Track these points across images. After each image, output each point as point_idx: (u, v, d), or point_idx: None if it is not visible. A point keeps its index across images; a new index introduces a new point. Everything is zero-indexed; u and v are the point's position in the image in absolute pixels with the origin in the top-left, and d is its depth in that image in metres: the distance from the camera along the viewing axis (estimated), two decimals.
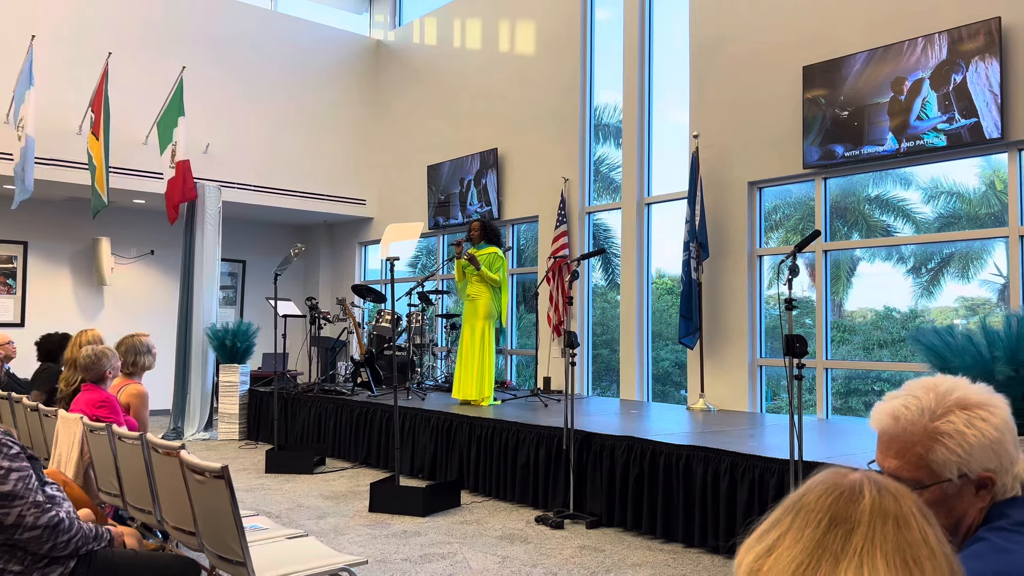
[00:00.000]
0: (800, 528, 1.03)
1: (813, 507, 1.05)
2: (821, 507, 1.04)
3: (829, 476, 1.09)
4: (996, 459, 1.31)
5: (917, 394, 1.38)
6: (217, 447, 8.53)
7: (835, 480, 1.08)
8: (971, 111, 5.76)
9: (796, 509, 1.06)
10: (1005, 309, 5.86)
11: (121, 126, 9.25)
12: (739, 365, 7.22)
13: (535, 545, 4.82)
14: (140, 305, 11.24)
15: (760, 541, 1.05)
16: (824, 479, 1.09)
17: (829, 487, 1.07)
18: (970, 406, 1.33)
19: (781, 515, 1.07)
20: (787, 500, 1.09)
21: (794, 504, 1.07)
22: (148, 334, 4.79)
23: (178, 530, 3.21)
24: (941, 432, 1.32)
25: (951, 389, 1.36)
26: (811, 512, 1.04)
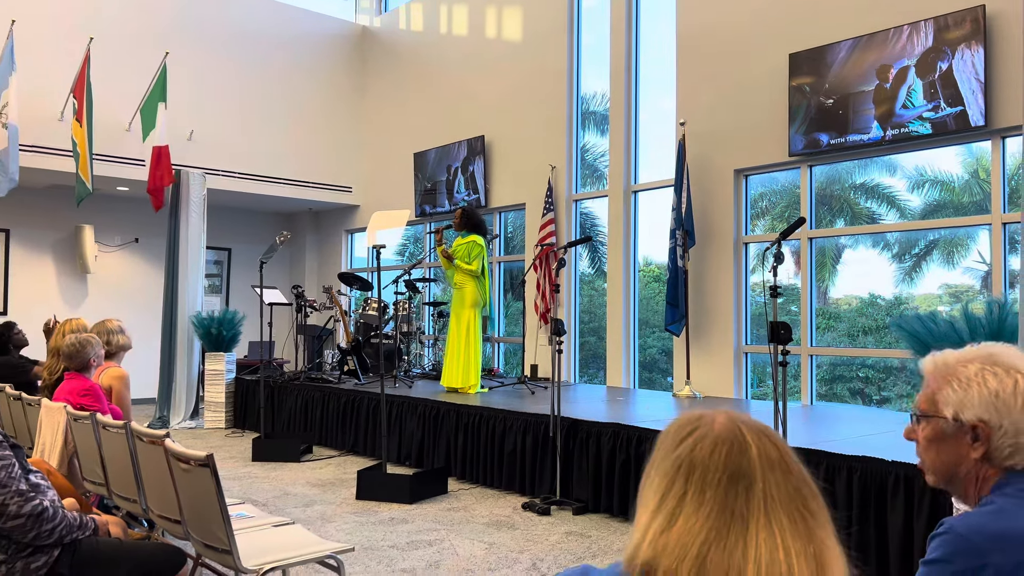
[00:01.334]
0: (699, 490, 0.97)
1: (707, 464, 0.98)
2: (716, 464, 0.98)
3: (699, 425, 1.02)
4: (996, 415, 1.36)
5: (965, 348, 1.45)
6: (203, 435, 8.51)
7: (710, 429, 1.00)
8: (957, 99, 5.79)
9: (688, 469, 0.99)
10: (988, 296, 5.91)
11: (104, 112, 9.15)
12: (725, 352, 7.26)
13: (522, 531, 4.84)
14: (124, 293, 11.17)
15: (659, 512, 0.98)
16: (698, 430, 1.01)
17: (716, 440, 0.99)
18: (995, 364, 1.39)
19: (673, 476, 0.99)
20: (670, 459, 1.01)
21: (683, 463, 0.99)
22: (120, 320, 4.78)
23: (164, 519, 3.20)
24: (955, 374, 1.41)
25: (991, 346, 1.43)
26: (707, 471, 0.98)
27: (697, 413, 1.04)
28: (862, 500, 3.89)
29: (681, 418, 1.05)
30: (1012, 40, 5.55)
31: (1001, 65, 5.65)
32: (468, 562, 4.26)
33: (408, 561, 4.27)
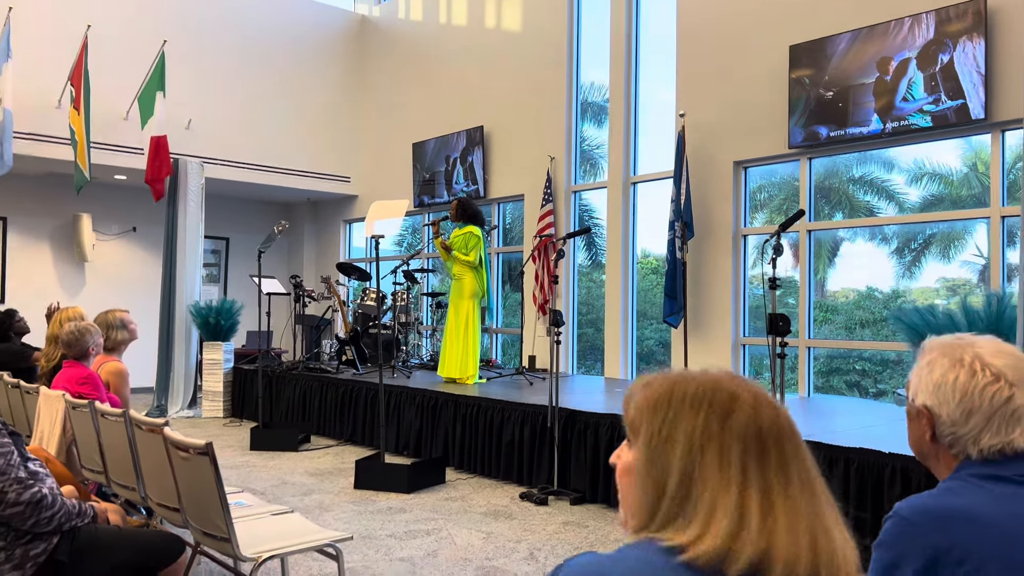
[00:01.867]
0: (781, 464, 0.90)
1: (780, 432, 0.91)
2: (781, 431, 0.90)
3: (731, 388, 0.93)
4: (936, 403, 1.39)
5: (954, 334, 1.48)
6: (201, 424, 8.51)
7: (744, 391, 0.93)
8: (958, 92, 5.78)
9: (757, 440, 0.90)
10: (985, 289, 5.92)
11: (102, 100, 9.11)
12: (723, 344, 7.27)
13: (519, 521, 4.85)
14: (122, 282, 11.15)
15: (747, 490, 0.88)
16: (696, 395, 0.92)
17: (764, 403, 0.92)
18: (948, 355, 1.41)
19: (744, 448, 0.89)
20: (724, 429, 0.90)
21: (747, 433, 0.90)
22: (127, 310, 4.74)
23: (162, 506, 3.21)
24: (921, 358, 1.46)
25: (968, 338, 1.44)
26: (781, 438, 0.91)
27: (703, 376, 0.96)
28: (859, 491, 3.90)
29: (689, 382, 0.95)
30: (1013, 33, 5.54)
31: (1002, 58, 5.64)
32: (466, 551, 4.28)
33: (406, 550, 4.28)
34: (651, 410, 0.95)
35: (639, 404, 0.98)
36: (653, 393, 0.96)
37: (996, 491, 1.31)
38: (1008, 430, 1.36)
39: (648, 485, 0.92)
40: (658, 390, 0.96)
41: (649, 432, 0.94)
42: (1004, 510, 1.27)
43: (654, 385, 0.98)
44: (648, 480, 0.92)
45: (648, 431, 0.94)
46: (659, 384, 0.97)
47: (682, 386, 0.95)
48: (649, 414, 0.95)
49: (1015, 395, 1.36)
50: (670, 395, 0.95)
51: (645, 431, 0.95)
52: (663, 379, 0.98)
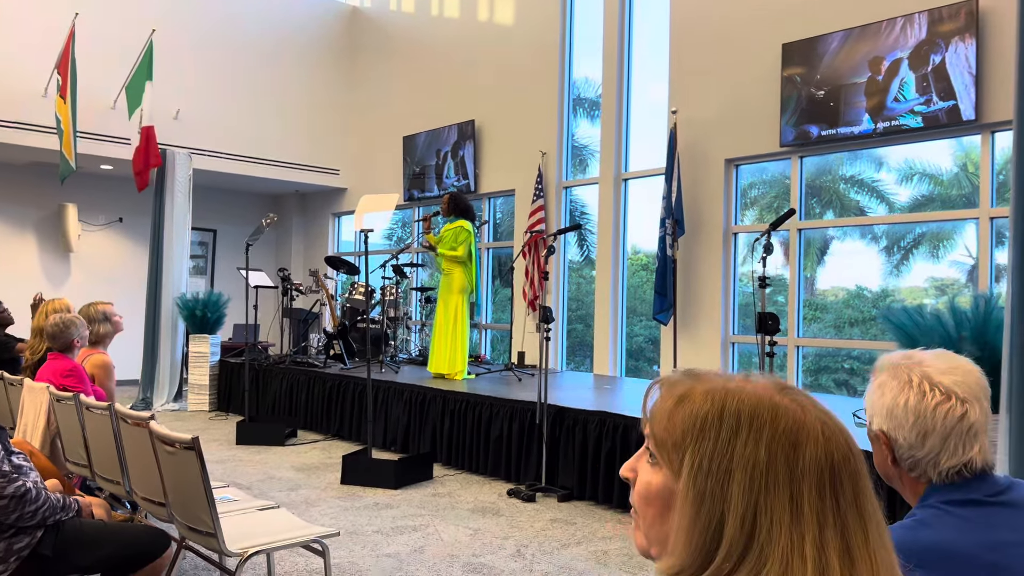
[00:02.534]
0: (854, 505, 0.77)
1: (854, 470, 0.77)
2: (808, 468, 0.76)
3: (797, 417, 0.78)
4: (892, 427, 1.37)
5: (905, 351, 1.45)
6: (187, 418, 8.46)
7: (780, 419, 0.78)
8: (949, 93, 5.80)
9: (831, 478, 0.77)
10: (973, 289, 5.95)
11: (89, 90, 9.01)
12: (712, 341, 7.28)
13: (507, 518, 4.84)
14: (108, 273, 11.05)
15: (825, 535, 0.75)
16: (800, 427, 0.78)
17: (781, 433, 0.77)
18: (898, 377, 1.38)
19: (819, 488, 0.76)
20: (790, 464, 0.76)
21: (822, 469, 0.76)
22: (110, 303, 4.69)
23: (147, 501, 3.18)
24: (874, 378, 1.43)
25: (925, 355, 1.41)
26: (856, 477, 0.78)
27: (753, 390, 0.81)
28: None
29: (742, 398, 0.80)
30: (1004, 34, 5.56)
31: (993, 59, 5.66)
32: (453, 548, 4.26)
33: (393, 546, 4.26)
34: (697, 432, 0.79)
35: (678, 421, 0.81)
36: (697, 410, 0.80)
37: (969, 517, 1.30)
38: (966, 449, 1.34)
39: (696, 526, 0.77)
40: (703, 407, 0.80)
41: (697, 461, 0.78)
42: (977, 539, 1.27)
43: (695, 398, 0.81)
44: (696, 521, 0.77)
45: (696, 460, 0.78)
46: (703, 397, 0.81)
47: (735, 403, 0.79)
48: (695, 437, 0.79)
49: (968, 412, 1.33)
50: (720, 414, 0.79)
51: (691, 459, 0.78)
52: (705, 391, 0.81)
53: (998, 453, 3.23)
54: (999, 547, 1.26)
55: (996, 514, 1.31)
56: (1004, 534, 1.28)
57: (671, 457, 0.81)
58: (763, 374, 0.83)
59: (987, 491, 1.33)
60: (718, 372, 0.85)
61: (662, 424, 0.83)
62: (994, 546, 1.26)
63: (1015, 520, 1.30)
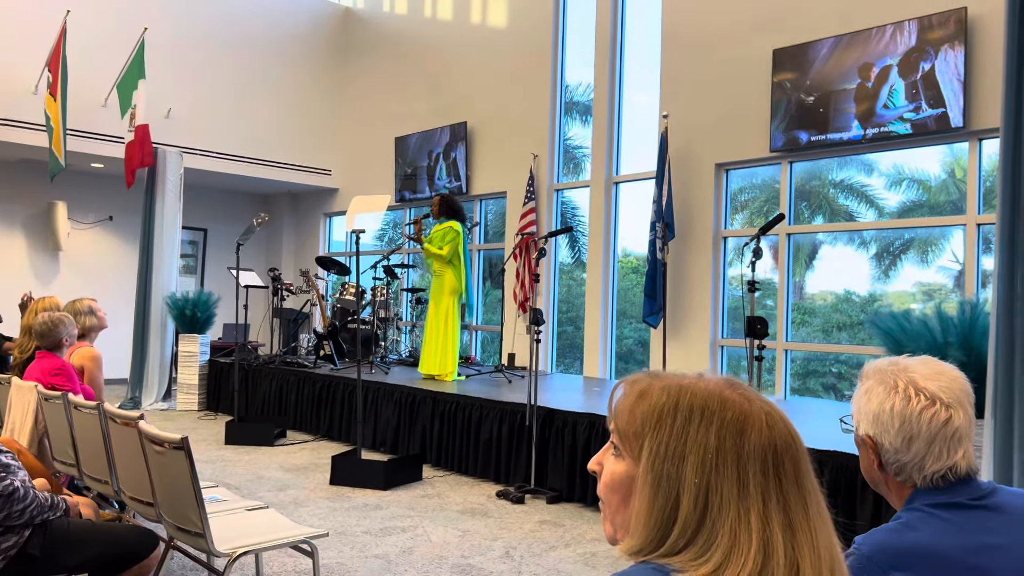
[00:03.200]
0: (795, 484, 0.85)
1: (735, 455, 0.84)
2: (752, 451, 0.84)
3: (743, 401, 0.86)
4: (878, 432, 1.39)
5: (892, 358, 1.46)
6: (175, 417, 8.43)
7: (727, 407, 0.86)
8: (938, 100, 5.84)
9: (774, 459, 0.84)
10: (960, 295, 6.00)
11: (80, 87, 8.98)
12: (701, 345, 7.31)
13: (496, 519, 4.85)
14: (98, 272, 11.01)
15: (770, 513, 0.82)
16: (706, 405, 0.86)
17: (726, 419, 0.85)
18: (884, 382, 1.40)
19: (762, 468, 0.83)
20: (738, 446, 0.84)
21: (764, 452, 0.84)
22: (94, 299, 4.71)
23: (136, 500, 3.17)
24: (860, 384, 1.45)
25: (911, 361, 1.43)
26: (795, 458, 0.86)
27: (706, 385, 0.89)
28: (832, 494, 3.94)
29: (696, 391, 0.88)
30: (992, 42, 5.61)
31: (981, 67, 5.71)
32: (441, 549, 4.27)
33: (381, 547, 4.26)
34: (655, 422, 0.87)
35: (638, 414, 0.89)
36: (655, 402, 0.88)
37: (952, 520, 1.32)
38: (950, 453, 1.36)
39: (654, 506, 0.84)
40: (660, 399, 0.88)
41: (655, 447, 0.86)
42: (961, 543, 1.29)
43: (653, 393, 0.89)
44: (654, 501, 0.84)
45: (654, 446, 0.86)
46: (660, 392, 0.89)
47: (688, 396, 0.87)
48: (653, 426, 0.87)
49: (952, 417, 1.36)
50: (675, 405, 0.87)
51: (649, 445, 0.86)
52: (662, 386, 0.89)
53: (983, 458, 3.26)
54: (982, 550, 1.28)
55: (979, 518, 1.33)
56: (987, 537, 1.30)
57: (632, 446, 0.90)
58: (716, 374, 0.93)
59: (971, 495, 1.35)
60: (676, 372, 0.94)
61: (624, 417, 0.91)
62: (977, 549, 1.28)
63: (998, 524, 1.32)
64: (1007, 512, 1.35)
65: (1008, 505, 1.36)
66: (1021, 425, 3.09)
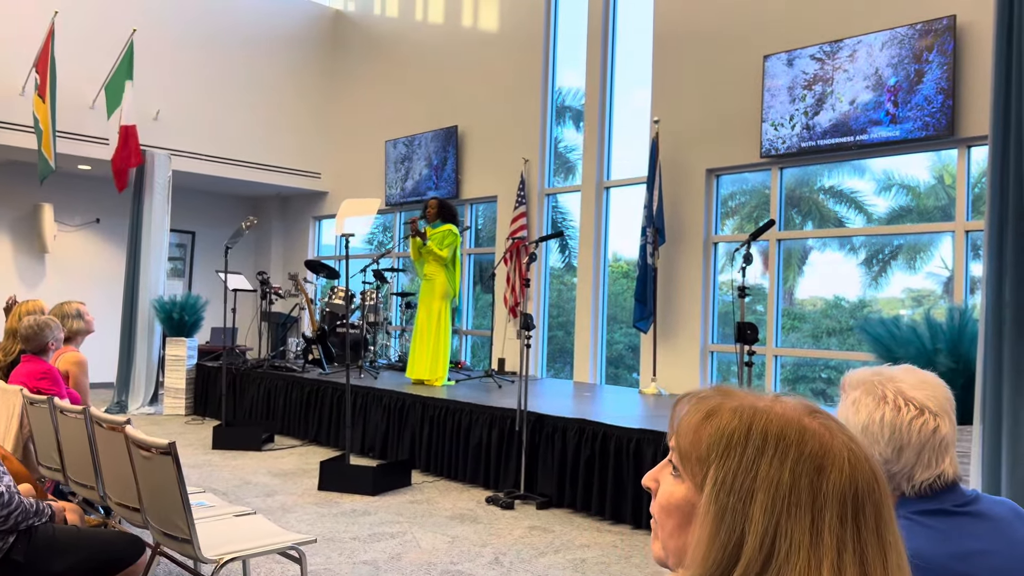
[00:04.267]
0: (875, 533, 0.77)
1: (807, 495, 0.76)
2: (831, 492, 0.76)
3: (821, 443, 0.78)
4: (869, 444, 1.37)
5: (875, 368, 1.46)
6: (162, 422, 8.37)
7: (832, 446, 0.78)
8: (926, 107, 5.88)
9: (853, 505, 0.76)
10: (949, 301, 6.03)
11: (68, 89, 8.91)
12: (691, 350, 7.31)
13: (485, 525, 4.83)
14: (84, 274, 10.92)
15: (843, 564, 0.74)
16: (825, 452, 0.78)
17: (802, 454, 0.77)
18: (871, 393, 1.40)
19: (839, 514, 0.75)
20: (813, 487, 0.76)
21: (844, 496, 0.76)
22: (83, 303, 4.68)
23: (122, 506, 3.14)
24: (846, 395, 1.44)
25: (894, 371, 1.43)
26: (877, 504, 0.77)
27: (782, 411, 0.81)
28: None
29: (771, 418, 0.80)
30: (981, 50, 5.64)
31: (970, 75, 5.75)
32: (430, 555, 4.24)
33: (370, 553, 4.24)
34: (723, 448, 0.79)
35: (704, 436, 0.81)
36: (724, 426, 0.81)
37: (938, 527, 1.33)
38: (938, 461, 1.37)
39: (715, 542, 0.77)
40: (731, 424, 0.80)
41: (720, 478, 0.78)
42: (948, 550, 1.29)
43: (723, 414, 0.82)
44: (716, 536, 0.77)
45: (719, 476, 0.78)
46: (731, 414, 0.81)
47: (762, 422, 0.79)
48: (720, 453, 0.79)
49: (939, 425, 1.37)
50: (747, 432, 0.79)
51: (715, 475, 0.79)
52: (734, 408, 0.82)
53: (971, 464, 3.27)
54: (968, 556, 1.29)
55: (964, 524, 1.34)
56: (972, 543, 1.31)
57: (695, 471, 0.82)
58: (793, 396, 0.84)
59: (955, 501, 1.37)
60: (748, 391, 0.85)
61: (688, 438, 0.83)
62: (963, 556, 1.29)
63: (982, 530, 1.34)
64: (990, 518, 1.36)
65: (990, 512, 1.37)
66: (1009, 431, 3.10)
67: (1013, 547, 1.33)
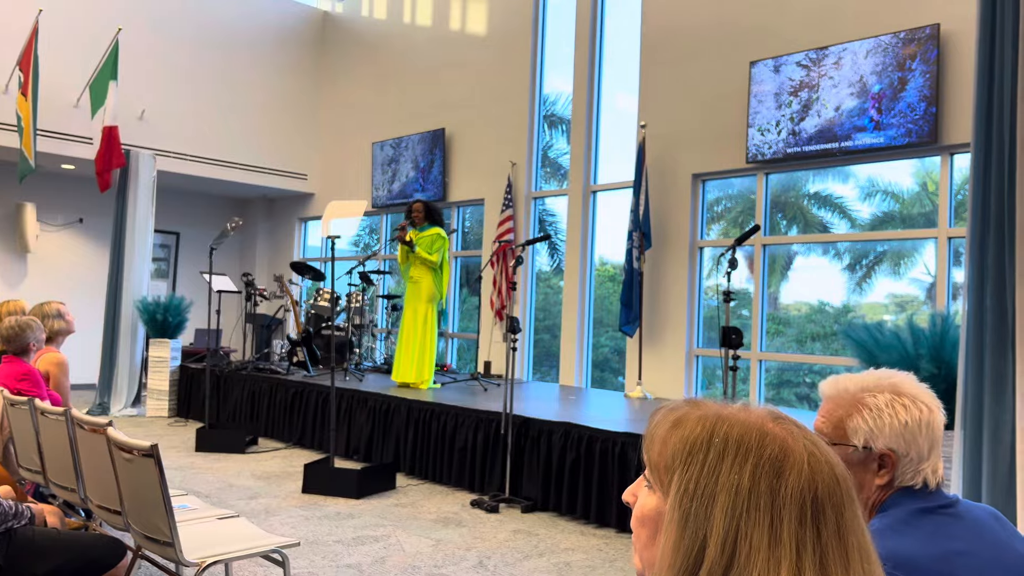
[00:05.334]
0: (837, 535, 0.77)
1: (767, 500, 0.77)
2: (788, 496, 0.77)
3: (738, 428, 0.80)
4: (903, 445, 1.41)
5: (865, 373, 1.49)
6: (145, 424, 8.30)
7: (762, 443, 0.79)
8: (909, 114, 5.93)
9: (813, 509, 0.77)
10: (931, 307, 6.08)
11: (52, 87, 8.84)
12: (676, 354, 7.34)
13: (469, 528, 4.82)
14: (67, 275, 10.83)
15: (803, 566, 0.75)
16: (743, 441, 0.79)
17: (762, 459, 0.78)
18: (901, 393, 1.44)
19: (799, 516, 0.76)
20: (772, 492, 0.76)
21: (802, 498, 0.77)
22: (63, 303, 4.65)
23: (103, 509, 3.11)
24: (865, 403, 1.44)
25: (892, 376, 1.47)
26: (768, 507, 0.77)
27: (745, 416, 0.82)
28: None
29: (732, 424, 0.81)
30: (964, 58, 5.70)
31: (953, 83, 5.81)
32: (414, 558, 4.23)
33: (354, 556, 4.22)
34: (686, 455, 0.80)
35: (670, 445, 0.82)
36: (688, 433, 0.81)
37: (924, 527, 1.36)
38: (938, 455, 1.43)
39: (679, 548, 0.77)
40: (695, 430, 0.81)
41: (683, 484, 0.79)
42: (931, 551, 1.32)
43: (688, 423, 0.83)
44: (680, 542, 0.77)
45: (682, 483, 0.79)
46: (696, 423, 0.82)
47: (724, 428, 0.80)
48: (683, 461, 0.80)
49: (941, 420, 1.44)
50: (709, 438, 0.80)
51: (678, 482, 0.79)
52: (699, 416, 0.83)
53: (952, 468, 3.29)
54: (950, 557, 1.32)
55: (947, 525, 1.37)
56: (954, 544, 1.34)
57: (662, 479, 0.83)
58: (762, 405, 0.85)
59: (940, 502, 1.41)
60: (720, 401, 0.86)
61: (656, 448, 0.85)
62: (945, 556, 1.32)
63: (960, 530, 1.37)
64: (970, 520, 1.39)
65: (968, 514, 1.41)
66: (990, 436, 3.13)
67: (992, 549, 1.36)
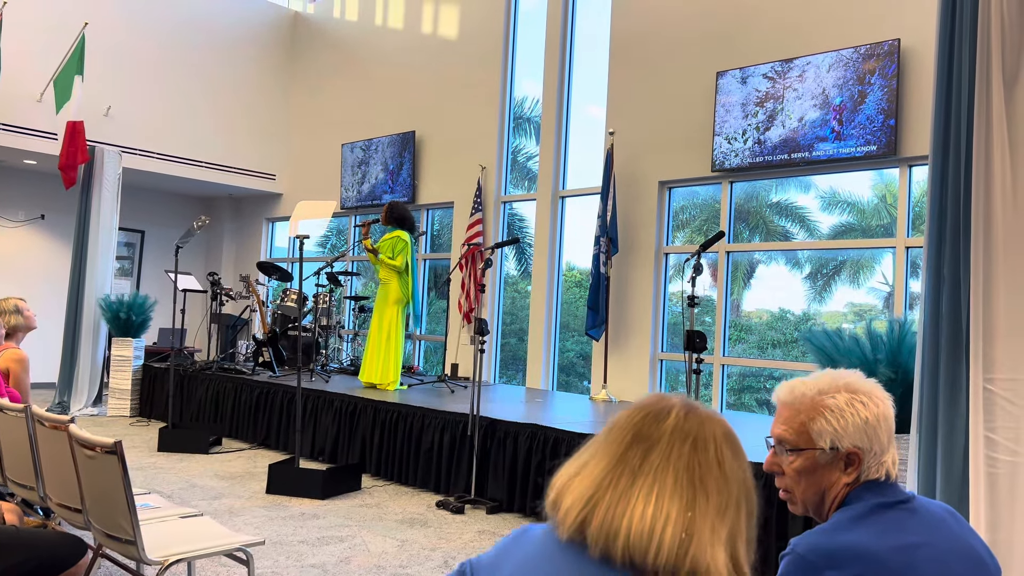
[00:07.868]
0: (607, 446, 1.10)
1: (622, 425, 1.11)
2: (628, 425, 1.10)
3: (648, 399, 1.14)
4: (867, 440, 1.46)
5: (816, 376, 1.54)
6: (106, 423, 8.18)
7: (651, 402, 1.13)
8: (869, 127, 6.07)
9: (608, 429, 1.12)
10: (889, 315, 6.22)
11: (14, 81, 8.69)
12: (641, 358, 7.42)
13: (434, 529, 4.83)
14: (28, 272, 10.63)
15: (574, 463, 1.11)
16: (643, 402, 1.14)
17: (642, 407, 1.12)
18: (856, 391, 1.49)
19: (596, 437, 1.13)
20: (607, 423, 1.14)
21: (608, 425, 1.13)
22: (23, 298, 4.59)
23: (63, 507, 3.08)
24: (825, 406, 1.48)
25: (843, 376, 1.52)
26: (619, 430, 1.11)
27: (665, 395, 1.16)
28: (766, 507, 4.03)
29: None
30: (923, 72, 5.86)
31: (912, 97, 5.96)
32: (379, 559, 4.23)
33: (318, 556, 4.21)
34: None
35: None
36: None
37: (880, 521, 1.41)
38: (895, 445, 1.50)
39: None
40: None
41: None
42: (888, 543, 1.37)
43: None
44: None
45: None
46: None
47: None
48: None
49: (893, 411, 1.51)
50: None
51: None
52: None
53: (908, 470, 3.38)
54: (907, 548, 1.37)
55: (904, 519, 1.43)
56: (909, 537, 1.39)
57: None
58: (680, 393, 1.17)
59: (897, 497, 1.47)
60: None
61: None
62: (903, 548, 1.37)
63: (916, 523, 1.43)
64: (924, 514, 1.45)
65: (924, 509, 1.47)
66: (944, 439, 3.22)
67: (948, 542, 1.42)
